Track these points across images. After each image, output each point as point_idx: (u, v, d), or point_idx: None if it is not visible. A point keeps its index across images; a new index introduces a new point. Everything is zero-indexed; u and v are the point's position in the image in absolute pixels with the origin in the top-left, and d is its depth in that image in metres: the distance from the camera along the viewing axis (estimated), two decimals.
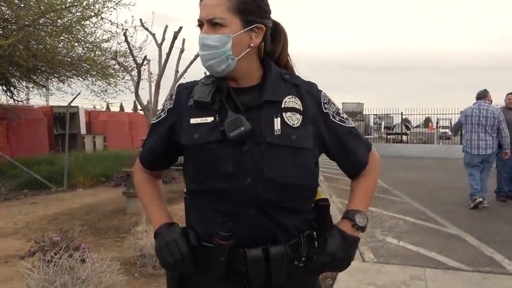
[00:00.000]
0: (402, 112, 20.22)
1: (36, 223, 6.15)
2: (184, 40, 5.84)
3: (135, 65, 5.07)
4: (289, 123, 1.25)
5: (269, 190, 1.21)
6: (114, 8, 7.10)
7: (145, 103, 5.59)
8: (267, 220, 1.23)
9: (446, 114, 20.86)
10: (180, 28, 5.25)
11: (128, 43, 5.31)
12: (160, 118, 1.37)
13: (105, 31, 8.21)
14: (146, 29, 5.50)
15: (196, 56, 5.76)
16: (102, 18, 7.23)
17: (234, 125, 1.19)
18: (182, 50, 5.73)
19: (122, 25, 7.45)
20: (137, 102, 5.26)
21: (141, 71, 5.23)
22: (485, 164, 6.87)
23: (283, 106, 1.26)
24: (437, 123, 24.63)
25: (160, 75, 5.32)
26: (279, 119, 1.24)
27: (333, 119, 1.33)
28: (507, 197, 7.48)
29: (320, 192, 1.40)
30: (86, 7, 6.43)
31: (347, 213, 1.35)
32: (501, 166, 7.43)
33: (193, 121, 1.26)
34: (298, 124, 1.26)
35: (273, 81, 1.29)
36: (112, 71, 9.78)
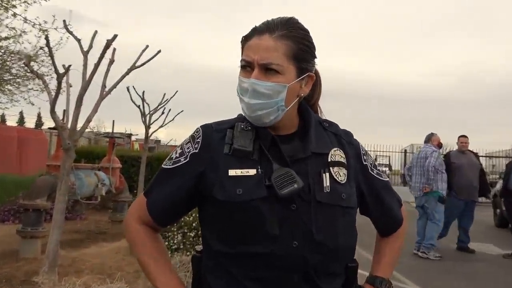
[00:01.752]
0: None
1: None
2: (114, 50, 5.60)
3: (56, 75, 4.73)
4: (337, 179, 1.30)
5: (317, 254, 1.24)
6: (28, 3, 6.64)
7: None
8: (310, 286, 1.24)
9: (385, 151, 22.20)
10: (115, 36, 5.04)
11: (49, 48, 4.96)
12: (179, 164, 1.31)
13: (7, 26, 7.59)
14: (71, 32, 5.18)
15: (129, 71, 5.56)
16: (14, 14, 6.70)
17: (285, 181, 1.21)
18: (111, 61, 5.48)
19: (40, 24, 6.96)
20: (53, 119, 4.88)
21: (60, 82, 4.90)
22: (425, 209, 7.45)
23: (329, 160, 1.31)
24: (375, 160, 26.10)
25: (84, 88, 5.02)
26: (327, 174, 1.28)
27: (371, 172, 1.42)
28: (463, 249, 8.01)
29: None
30: None
31: (374, 280, 1.43)
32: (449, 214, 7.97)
33: (232, 172, 1.24)
34: (345, 180, 1.32)
35: (315, 131, 1.34)
36: (10, 77, 9.07)
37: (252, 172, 1.24)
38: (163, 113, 10.04)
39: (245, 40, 1.29)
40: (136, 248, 1.37)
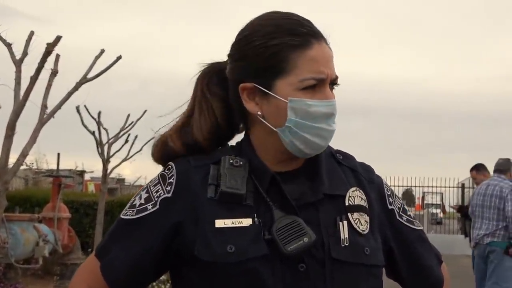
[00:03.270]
0: None
1: None
2: (58, 56, 5.71)
3: None
4: (357, 229, 1.33)
5: None
6: None
7: None
8: None
9: (436, 187, 22.06)
10: (58, 38, 5.14)
11: None
12: (145, 213, 1.33)
13: None
14: None
15: (79, 85, 5.66)
16: None
17: (291, 234, 1.24)
18: (54, 73, 5.58)
19: None
20: None
21: None
22: (489, 266, 7.34)
23: (347, 204, 1.34)
24: (422, 199, 25.92)
25: (17, 112, 5.09)
26: (345, 222, 1.31)
27: (399, 219, 1.46)
28: None
29: None
30: None
31: None
32: None
33: (219, 223, 1.27)
34: (367, 230, 1.35)
35: (327, 165, 1.38)
36: None
37: (247, 222, 1.27)
38: (127, 141, 10.17)
39: (299, 48, 1.30)
40: None
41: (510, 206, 7.20)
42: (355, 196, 1.36)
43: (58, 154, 11.03)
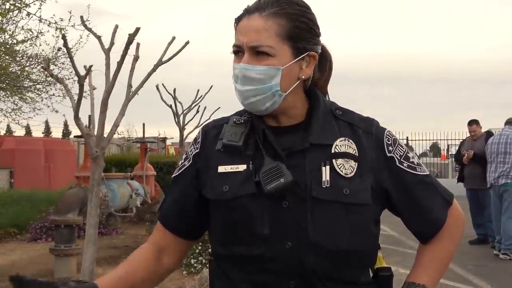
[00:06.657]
0: (407, 137, 20.66)
1: None
2: (138, 45, 5.79)
3: (77, 77, 4.95)
4: (340, 172, 1.29)
5: (315, 257, 1.25)
6: (43, 1, 6.96)
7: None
8: None
9: (458, 139, 21.48)
10: (137, 29, 5.20)
11: (67, 48, 5.20)
12: (184, 168, 1.42)
13: (23, 28, 8.00)
14: (89, 29, 5.41)
15: (156, 67, 5.72)
16: (28, 14, 7.07)
17: (272, 176, 1.24)
18: (136, 58, 5.66)
19: (56, 23, 7.28)
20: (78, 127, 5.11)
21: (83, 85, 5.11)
22: (503, 203, 7.24)
23: (333, 151, 1.30)
24: (447, 150, 25.36)
25: (108, 91, 5.20)
26: (328, 167, 1.29)
27: (399, 165, 1.37)
28: None
29: (380, 257, 1.44)
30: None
31: (407, 287, 1.38)
32: None
33: (221, 169, 1.31)
34: (353, 174, 1.30)
35: (321, 119, 1.34)
36: (30, 83, 9.52)
37: (242, 167, 1.29)
38: (197, 111, 10.25)
39: (237, 22, 1.32)
40: None
41: None
42: (343, 144, 1.32)
43: (143, 125, 11.27)
